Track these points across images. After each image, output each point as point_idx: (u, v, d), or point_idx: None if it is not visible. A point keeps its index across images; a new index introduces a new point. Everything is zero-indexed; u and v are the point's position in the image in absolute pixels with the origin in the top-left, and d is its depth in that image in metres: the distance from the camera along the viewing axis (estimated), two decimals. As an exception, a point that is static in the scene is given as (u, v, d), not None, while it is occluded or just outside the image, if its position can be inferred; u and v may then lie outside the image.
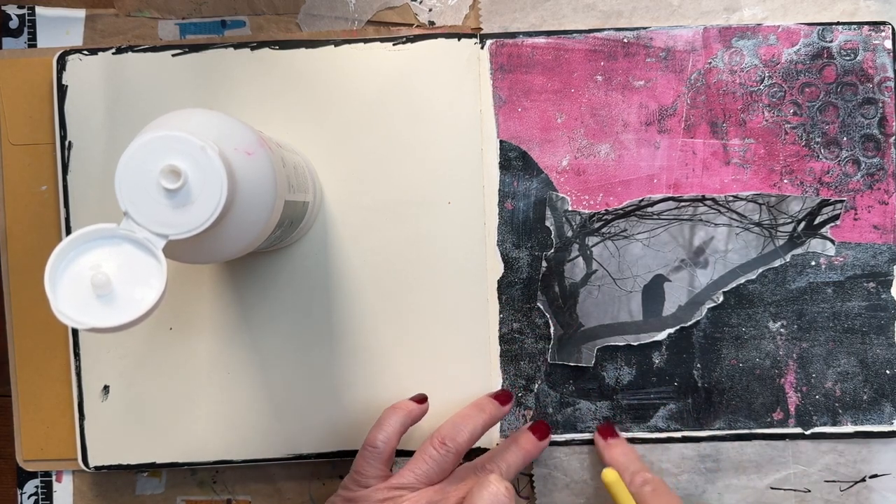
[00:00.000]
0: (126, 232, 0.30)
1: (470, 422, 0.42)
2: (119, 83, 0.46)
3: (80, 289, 0.29)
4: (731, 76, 0.46)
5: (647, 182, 0.46)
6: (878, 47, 0.46)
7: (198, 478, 0.48)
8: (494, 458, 0.43)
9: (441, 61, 0.46)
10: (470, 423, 0.42)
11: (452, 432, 0.42)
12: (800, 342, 0.46)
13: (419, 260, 0.46)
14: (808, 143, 0.46)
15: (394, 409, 0.43)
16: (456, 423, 0.42)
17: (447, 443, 0.41)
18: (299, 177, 0.40)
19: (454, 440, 0.41)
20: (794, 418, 0.46)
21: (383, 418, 0.42)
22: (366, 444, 0.42)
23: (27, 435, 0.47)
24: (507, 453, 0.43)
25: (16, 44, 0.48)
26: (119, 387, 0.47)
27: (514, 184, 0.46)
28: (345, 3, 0.48)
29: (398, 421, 0.42)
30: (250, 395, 0.47)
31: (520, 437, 0.45)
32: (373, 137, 0.46)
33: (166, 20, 0.48)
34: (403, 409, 0.43)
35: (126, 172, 0.30)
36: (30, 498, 0.48)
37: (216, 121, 0.33)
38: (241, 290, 0.47)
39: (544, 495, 0.47)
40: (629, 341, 0.46)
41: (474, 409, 0.44)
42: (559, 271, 0.47)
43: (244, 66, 0.46)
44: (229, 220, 0.32)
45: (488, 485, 0.38)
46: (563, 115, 0.46)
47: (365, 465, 0.41)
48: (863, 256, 0.46)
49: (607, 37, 0.46)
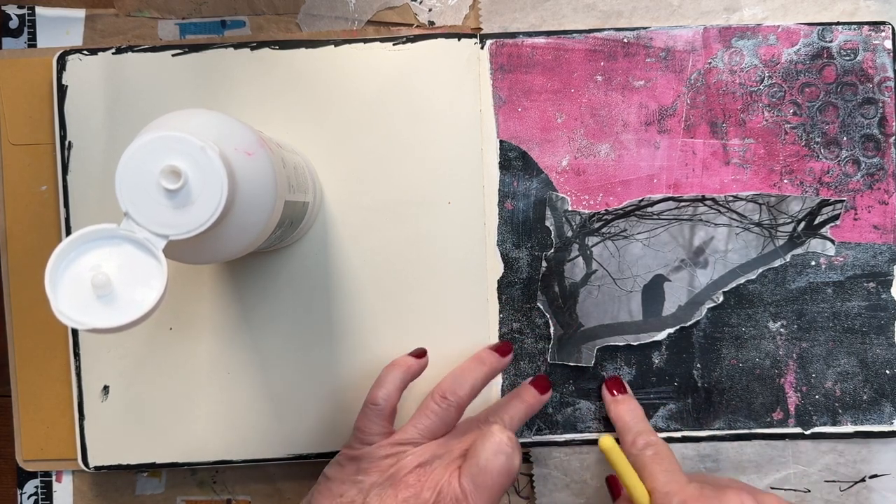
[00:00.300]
0: (126, 232, 0.30)
1: (470, 375, 0.43)
2: (119, 83, 0.46)
3: (81, 289, 0.29)
4: (731, 76, 0.46)
5: (647, 182, 0.46)
6: (878, 47, 0.46)
7: (198, 478, 0.48)
8: (497, 410, 0.43)
9: (441, 61, 0.46)
10: (470, 376, 0.43)
11: (453, 386, 0.42)
12: (800, 342, 0.46)
13: (419, 260, 0.46)
14: (808, 143, 0.46)
15: (393, 366, 0.43)
16: (457, 376, 0.42)
17: (448, 397, 0.41)
18: (299, 177, 0.40)
19: (455, 394, 0.42)
20: (794, 418, 0.46)
21: (383, 375, 0.42)
22: (367, 401, 0.42)
23: (27, 435, 0.47)
24: (509, 406, 0.44)
25: (16, 44, 0.48)
26: (119, 387, 0.47)
27: (514, 184, 0.46)
28: (345, 3, 0.48)
29: (398, 377, 0.42)
30: (250, 395, 0.47)
31: (521, 390, 0.45)
32: (373, 137, 0.46)
33: (166, 20, 0.48)
34: (402, 366, 0.43)
35: (126, 173, 0.30)
36: (30, 498, 0.48)
37: (216, 121, 0.33)
38: (241, 290, 0.47)
39: (544, 495, 0.47)
40: (629, 341, 0.46)
41: (474, 363, 0.44)
42: (559, 271, 0.47)
43: (244, 66, 0.46)
44: (229, 221, 0.32)
45: (491, 435, 0.38)
46: (563, 115, 0.46)
47: (367, 423, 0.41)
48: (863, 256, 0.46)
49: (607, 37, 0.46)
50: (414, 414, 0.42)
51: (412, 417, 0.42)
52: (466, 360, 0.44)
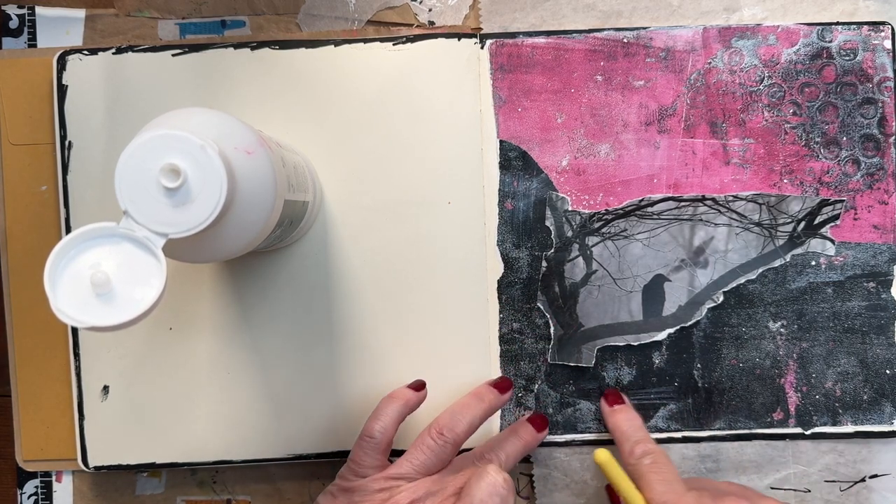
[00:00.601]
0: (126, 231, 0.30)
1: (468, 412, 0.42)
2: (119, 83, 0.46)
3: (80, 288, 0.29)
4: (731, 76, 0.46)
5: (647, 182, 0.46)
6: (878, 47, 0.46)
7: (198, 478, 0.48)
8: (493, 447, 0.43)
9: (441, 61, 0.46)
10: (468, 413, 0.42)
11: (451, 423, 0.41)
12: (800, 342, 0.46)
13: (419, 260, 0.46)
14: (807, 143, 0.46)
15: (391, 399, 0.42)
16: (454, 412, 0.42)
17: (445, 433, 0.41)
18: (299, 176, 0.40)
19: (452, 430, 0.41)
20: (795, 418, 0.46)
21: (380, 408, 0.42)
22: (363, 433, 0.41)
23: (27, 435, 0.47)
24: (506, 443, 0.43)
25: (16, 44, 0.48)
26: (119, 387, 0.47)
27: (514, 184, 0.46)
28: (345, 3, 0.48)
29: (395, 410, 0.42)
30: (250, 395, 0.47)
31: (519, 427, 0.45)
32: (373, 137, 0.46)
33: (166, 20, 0.48)
34: (401, 399, 0.42)
35: (126, 171, 0.30)
36: (30, 498, 0.48)
37: (216, 120, 0.33)
38: (241, 290, 0.47)
39: (544, 495, 0.47)
40: (629, 341, 0.46)
41: (473, 399, 0.43)
42: (559, 271, 0.47)
43: (244, 66, 0.46)
44: (229, 220, 0.32)
45: (486, 475, 0.38)
46: (563, 115, 0.46)
47: (362, 455, 0.41)
48: (863, 256, 0.46)
49: (607, 37, 0.46)
50: (409, 448, 0.41)
51: (407, 452, 0.41)
52: (465, 395, 0.44)
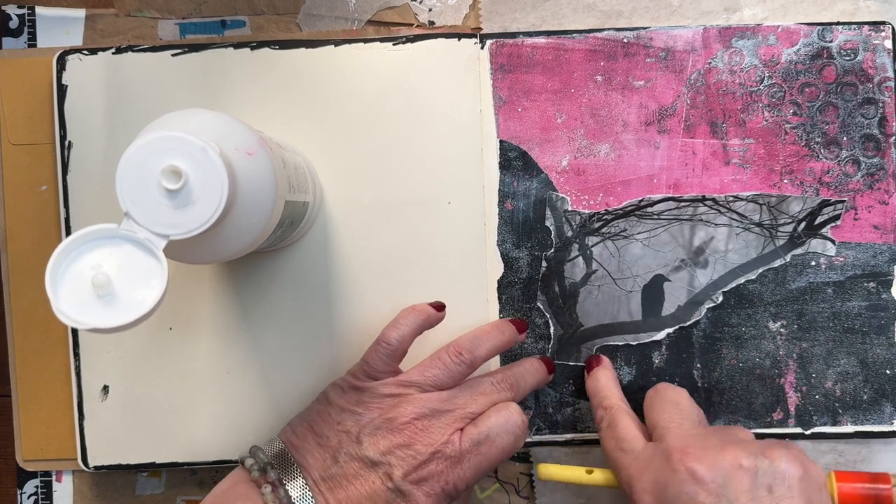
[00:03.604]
0: (127, 232, 0.30)
1: (489, 339, 0.42)
2: (119, 83, 0.46)
3: (81, 289, 0.29)
4: (731, 76, 0.46)
5: (646, 182, 0.46)
6: (878, 47, 0.46)
7: (198, 478, 0.48)
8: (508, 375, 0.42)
9: (441, 61, 0.46)
10: (489, 340, 0.42)
11: (471, 345, 0.41)
12: (800, 342, 0.46)
13: (419, 260, 0.46)
14: (808, 143, 0.46)
15: (412, 310, 0.42)
16: (476, 336, 0.42)
17: (464, 354, 0.41)
18: (299, 177, 0.40)
19: (472, 352, 0.41)
20: (794, 418, 0.46)
21: (400, 317, 0.42)
22: (380, 339, 0.41)
23: (27, 435, 0.47)
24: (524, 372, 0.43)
25: (16, 44, 0.48)
26: (119, 387, 0.47)
27: (514, 184, 0.46)
28: (345, 3, 0.48)
29: (415, 321, 0.42)
30: (250, 395, 0.47)
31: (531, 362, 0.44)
32: (373, 137, 0.46)
33: (166, 20, 0.48)
34: (422, 312, 0.42)
35: (127, 172, 0.30)
36: (30, 498, 0.48)
37: (217, 121, 0.33)
38: (241, 290, 0.47)
39: (544, 495, 0.47)
40: (629, 341, 0.46)
41: (494, 329, 0.43)
42: (559, 271, 0.47)
43: (244, 66, 0.46)
44: (230, 221, 0.32)
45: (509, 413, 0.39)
46: (563, 115, 0.46)
47: (376, 360, 0.41)
48: (863, 256, 0.46)
49: (607, 37, 0.46)
50: (423, 361, 0.41)
51: (421, 363, 0.41)
52: (486, 324, 0.44)
